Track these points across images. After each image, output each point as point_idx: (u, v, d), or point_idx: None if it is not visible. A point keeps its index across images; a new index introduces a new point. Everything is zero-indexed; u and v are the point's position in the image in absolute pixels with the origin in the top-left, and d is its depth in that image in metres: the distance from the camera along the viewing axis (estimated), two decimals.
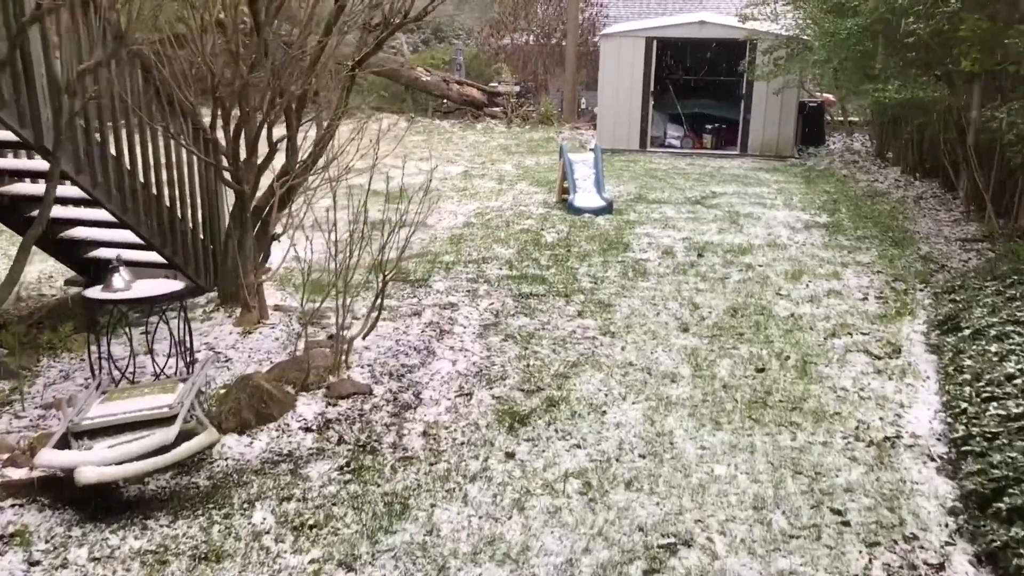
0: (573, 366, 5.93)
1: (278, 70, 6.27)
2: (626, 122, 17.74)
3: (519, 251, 9.13)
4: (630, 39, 17.45)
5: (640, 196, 12.51)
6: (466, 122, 22.07)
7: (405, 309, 7.17)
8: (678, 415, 5.17)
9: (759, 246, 9.40)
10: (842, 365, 5.96)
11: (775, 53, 15.06)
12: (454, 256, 8.92)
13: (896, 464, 4.58)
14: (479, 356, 6.14)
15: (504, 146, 18.26)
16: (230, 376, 5.68)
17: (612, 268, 8.45)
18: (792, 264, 8.62)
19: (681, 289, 7.74)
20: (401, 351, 6.21)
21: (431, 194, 12.87)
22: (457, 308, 7.21)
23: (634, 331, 6.64)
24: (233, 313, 6.79)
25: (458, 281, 8.01)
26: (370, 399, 5.35)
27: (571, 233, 10.00)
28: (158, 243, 7.01)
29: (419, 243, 9.68)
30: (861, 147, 18.34)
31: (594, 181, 11.64)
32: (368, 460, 4.62)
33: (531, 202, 11.97)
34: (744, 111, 17.28)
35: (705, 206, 11.81)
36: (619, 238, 9.74)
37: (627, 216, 10.99)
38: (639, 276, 8.16)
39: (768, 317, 6.97)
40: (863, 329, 6.67)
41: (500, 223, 10.62)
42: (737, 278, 8.10)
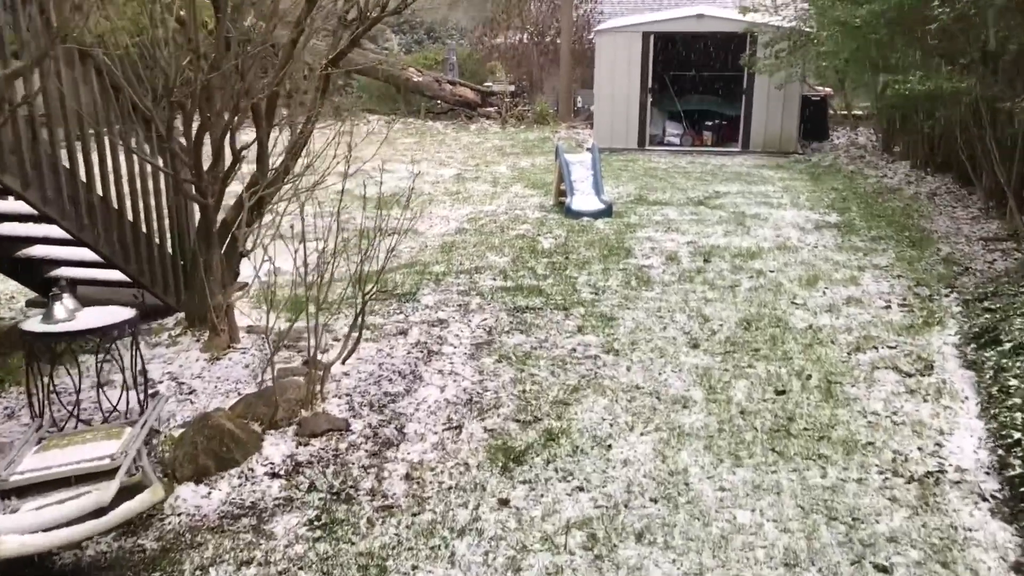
0: (574, 391, 5.37)
1: (243, 69, 5.68)
2: (624, 120, 17.19)
3: (514, 259, 8.57)
4: (626, 35, 16.90)
5: (640, 197, 11.96)
6: (459, 123, 21.50)
7: (390, 328, 6.61)
8: (692, 448, 4.61)
9: (769, 249, 8.84)
10: (870, 385, 5.40)
11: (776, 46, 14.50)
12: (445, 266, 8.36)
13: (943, 505, 4.03)
14: (470, 381, 5.57)
15: (498, 147, 17.70)
16: (193, 411, 5.12)
17: (613, 276, 7.89)
18: (806, 269, 8.07)
19: (688, 299, 7.18)
20: (384, 376, 5.64)
21: (421, 199, 12.35)
22: (447, 325, 6.65)
23: (640, 348, 6.08)
24: (201, 337, 6.23)
25: (448, 294, 7.45)
26: (347, 436, 4.79)
27: (569, 238, 9.44)
28: (121, 261, 6.46)
29: (408, 252, 9.14)
30: (866, 141, 17.78)
31: (592, 183, 11.08)
32: (342, 511, 4.06)
33: (527, 206, 11.41)
34: (745, 106, 16.72)
35: (709, 207, 11.25)
36: (620, 243, 9.19)
37: (627, 219, 10.43)
38: (643, 285, 7.60)
39: (784, 330, 6.41)
40: (889, 342, 6.11)
41: (494, 229, 10.06)
42: (748, 285, 7.54)
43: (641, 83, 16.93)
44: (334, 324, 6.63)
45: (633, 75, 16.91)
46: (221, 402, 5.21)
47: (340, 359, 5.72)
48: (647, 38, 16.74)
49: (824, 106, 18.23)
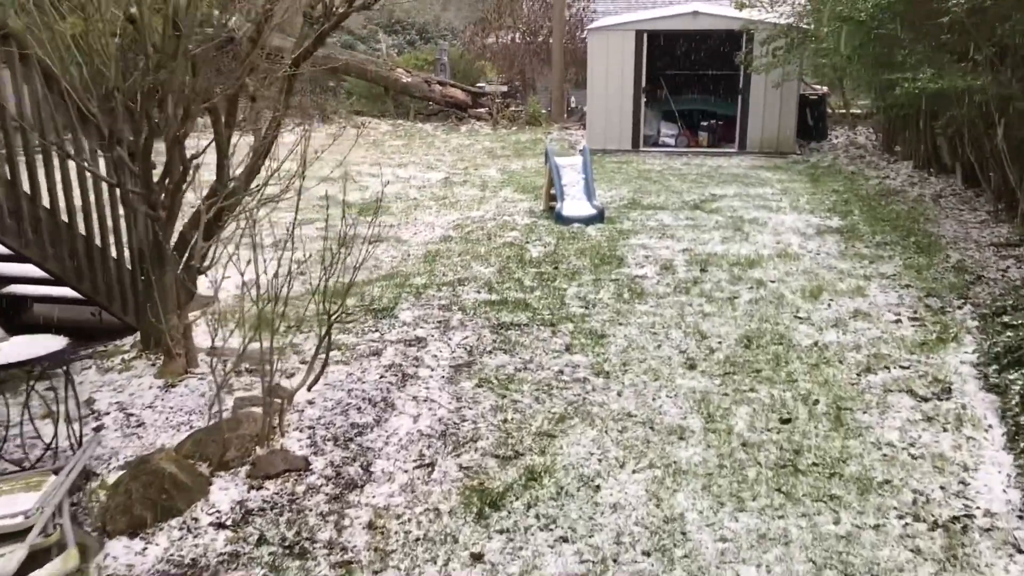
0: (560, 420, 4.90)
1: (194, 66, 5.20)
2: (617, 121, 16.72)
3: (500, 270, 8.10)
4: (619, 33, 16.43)
5: (634, 201, 11.50)
6: (450, 124, 21.03)
7: (364, 348, 6.14)
8: (690, 489, 4.14)
9: (769, 257, 8.38)
10: (883, 411, 4.94)
11: (774, 43, 14.04)
12: (427, 278, 7.89)
13: (974, 558, 3.56)
14: (447, 409, 5.10)
15: (489, 149, 17.24)
16: (139, 447, 4.64)
17: (605, 288, 7.43)
18: (808, 279, 7.60)
19: (685, 313, 6.71)
20: (353, 405, 5.17)
21: (406, 204, 11.88)
22: (425, 344, 6.18)
23: (632, 370, 5.61)
24: (157, 361, 5.76)
25: (429, 309, 6.98)
26: (306, 477, 4.31)
27: (559, 246, 8.98)
28: (72, 279, 5.99)
29: (390, 261, 8.68)
30: (866, 141, 17.34)
31: (583, 187, 10.61)
32: (293, 569, 3.59)
33: (516, 211, 10.95)
34: (741, 106, 16.26)
35: (705, 211, 10.79)
36: (612, 251, 8.72)
37: (620, 225, 9.97)
38: (636, 298, 7.13)
39: (788, 347, 5.95)
40: (902, 361, 5.65)
41: (481, 236, 9.59)
42: (747, 298, 7.08)
43: (635, 83, 16.48)
44: (304, 344, 6.16)
45: (627, 74, 16.45)
46: (171, 436, 4.74)
47: (305, 385, 5.25)
48: (640, 36, 16.27)
49: (822, 105, 17.78)
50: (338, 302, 5.34)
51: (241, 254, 4.98)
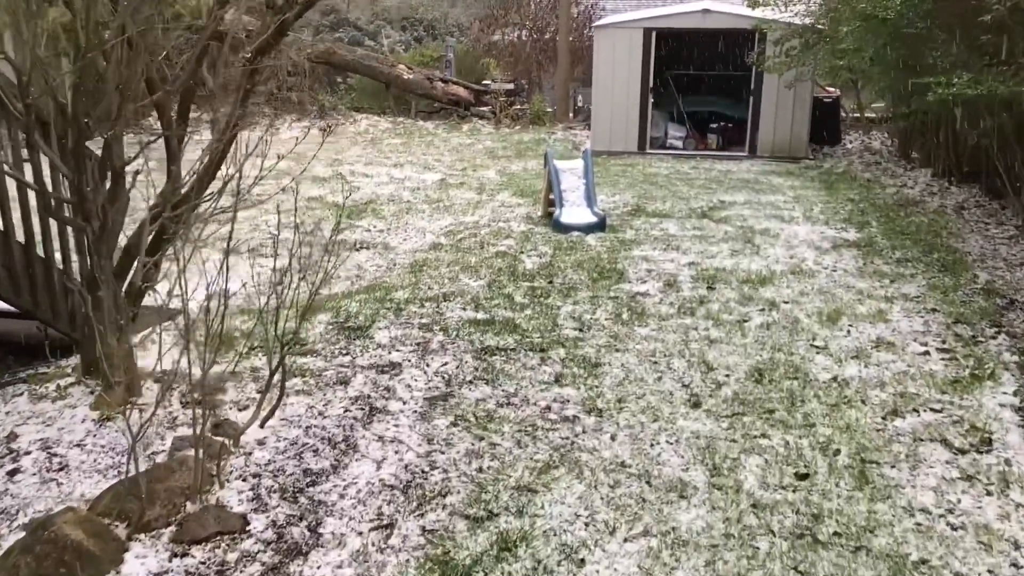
0: (543, 471, 4.27)
1: (136, 55, 4.58)
2: (623, 122, 16.08)
3: (490, 283, 7.48)
4: (626, 31, 15.79)
5: (638, 208, 10.86)
6: (451, 123, 20.40)
7: (331, 374, 5.52)
8: (691, 566, 3.51)
9: (781, 274, 7.74)
10: (914, 466, 4.30)
11: (787, 43, 13.39)
12: (410, 291, 7.27)
13: None
14: (416, 452, 4.48)
15: (490, 149, 16.61)
16: (59, 496, 4.03)
17: (603, 307, 6.80)
18: (825, 300, 6.96)
19: (689, 338, 6.08)
20: (309, 446, 4.55)
21: (398, 207, 11.27)
22: (399, 371, 5.56)
23: (628, 407, 4.98)
24: (97, 388, 5.15)
25: (408, 328, 6.35)
26: (241, 541, 3.69)
27: (555, 258, 8.35)
28: (9, 292, 5.40)
29: (373, 271, 8.07)
30: (881, 146, 16.68)
31: (584, 193, 9.97)
32: None
33: (512, 217, 10.32)
34: (752, 108, 15.61)
35: (713, 220, 10.15)
36: (612, 264, 8.09)
37: (623, 234, 9.34)
38: (636, 319, 6.50)
39: (804, 383, 5.31)
40: (932, 403, 5.01)
41: (473, 244, 8.97)
42: (759, 321, 6.44)
43: (642, 82, 15.83)
44: (266, 369, 5.55)
45: (633, 74, 15.81)
46: (96, 484, 4.13)
47: (257, 422, 4.64)
48: (648, 34, 15.63)
49: (836, 108, 17.13)
50: (304, 321, 4.69)
51: (214, 261, 4.35)
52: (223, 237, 4.55)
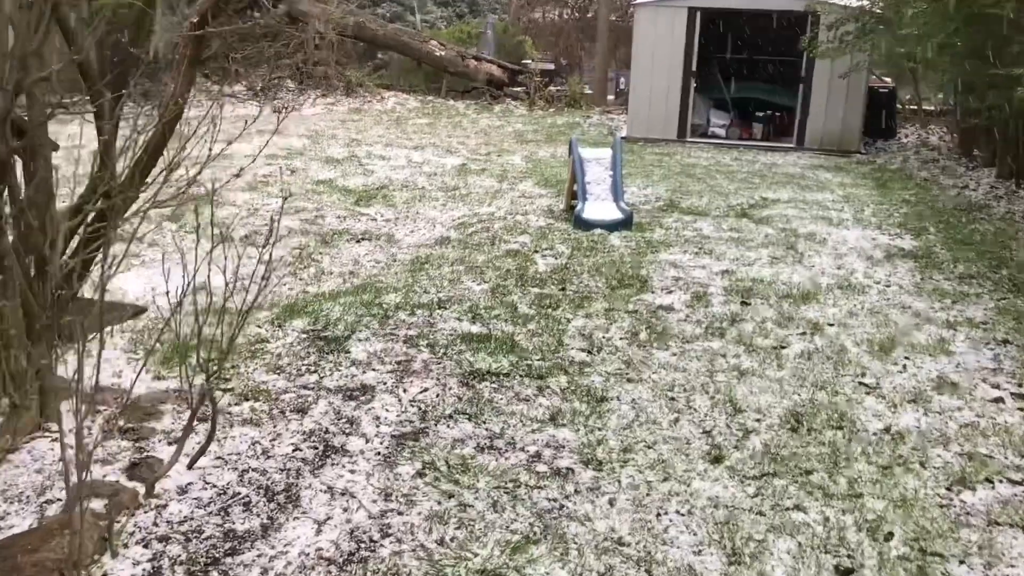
0: (518, 548, 3.41)
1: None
2: (662, 107, 15.13)
3: (495, 288, 6.63)
4: (669, 9, 14.80)
5: (671, 203, 9.94)
6: (483, 103, 19.52)
7: (290, 398, 4.70)
8: None
9: (827, 288, 6.80)
10: (990, 564, 3.39)
11: (842, 28, 12.32)
12: (403, 295, 6.44)
13: None
14: (368, 512, 3.65)
15: (519, 133, 15.72)
16: None
17: (618, 322, 5.92)
18: (877, 323, 6.03)
19: (716, 368, 5.19)
20: (241, 498, 3.74)
21: (412, 194, 10.44)
22: (371, 398, 4.73)
23: (634, 459, 4.11)
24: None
25: (391, 342, 5.53)
26: None
27: (572, 259, 7.47)
28: None
29: (370, 268, 7.25)
30: (939, 142, 15.56)
31: (611, 186, 9.07)
32: None
33: (532, 209, 9.45)
34: (802, 97, 14.58)
35: (753, 220, 9.21)
36: (636, 269, 7.20)
37: (651, 233, 8.43)
38: (655, 340, 5.62)
39: (850, 434, 4.40)
40: (1010, 471, 4.08)
41: (484, 240, 8.12)
42: (798, 348, 5.53)
43: (684, 66, 14.87)
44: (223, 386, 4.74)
45: (675, 56, 14.85)
46: None
47: (181, 463, 3.84)
48: (693, 14, 14.63)
49: (892, 99, 16.01)
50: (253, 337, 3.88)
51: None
52: (218, 223, 3.77)
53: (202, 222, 4.00)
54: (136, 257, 7.52)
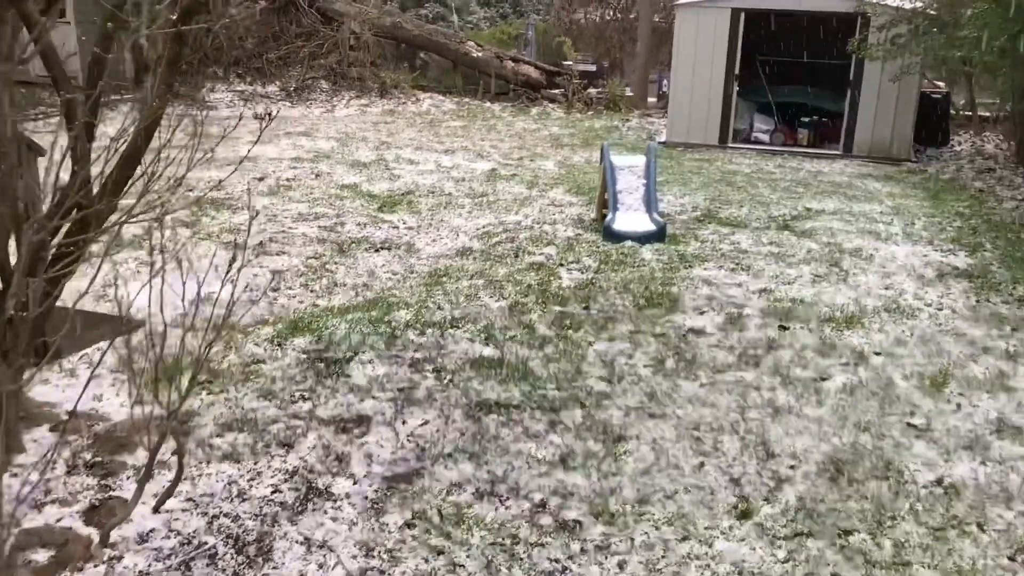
0: None
1: None
2: (704, 111, 14.57)
3: (513, 306, 6.20)
4: (712, 10, 14.24)
5: (709, 213, 9.43)
6: (520, 105, 19.06)
7: (278, 429, 4.31)
8: None
9: (874, 312, 6.28)
10: None
11: (894, 30, 11.71)
12: (415, 311, 6.04)
13: None
14: (346, 570, 3.25)
15: (555, 136, 15.25)
16: None
17: (644, 347, 5.46)
18: (928, 353, 5.50)
19: (748, 403, 4.71)
20: (207, 549, 3.34)
21: (438, 200, 10.05)
22: (366, 431, 4.33)
23: (651, 512, 3.66)
24: None
25: (396, 365, 5.12)
26: None
27: (599, 273, 7.02)
28: None
29: (386, 279, 6.86)
30: (996, 150, 14.83)
31: (643, 195, 8.59)
32: None
33: (561, 218, 9.00)
34: (850, 101, 13.92)
35: (795, 232, 8.67)
36: (666, 285, 6.73)
37: (685, 247, 7.94)
38: (683, 368, 5.15)
39: (897, 487, 3.91)
40: None
41: (507, 252, 7.69)
42: (840, 382, 5.02)
43: (727, 68, 14.30)
44: (209, 413, 4.37)
45: (718, 58, 14.28)
46: None
47: (151, 503, 3.46)
48: (737, 15, 14.06)
49: (946, 105, 15.31)
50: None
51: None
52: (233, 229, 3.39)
53: (216, 229, 3.57)
54: (146, 264, 7.20)
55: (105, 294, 6.54)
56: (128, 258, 7.34)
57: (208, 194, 6.55)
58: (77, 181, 3.93)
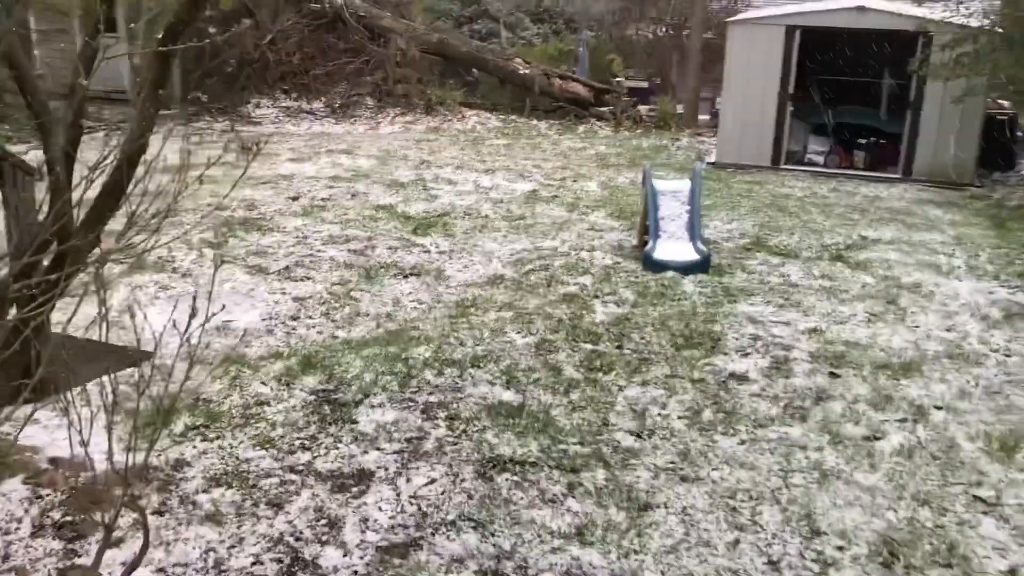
0: None
1: None
2: (756, 131, 14.02)
3: (540, 344, 5.78)
4: (766, 27, 13.72)
5: (758, 241, 8.92)
6: (567, 123, 18.65)
7: (270, 485, 3.93)
8: None
9: (934, 357, 5.75)
10: None
11: (958, 48, 11.11)
12: (435, 347, 5.65)
13: None
14: None
15: (601, 156, 14.80)
16: None
17: (680, 394, 5.01)
18: (996, 408, 4.97)
19: (792, 465, 4.23)
20: None
21: (474, 222, 9.68)
22: (365, 489, 3.94)
23: None
24: None
25: (408, 410, 4.73)
26: None
27: (636, 308, 6.58)
28: None
29: (411, 309, 6.50)
30: None
31: (687, 222, 8.11)
32: None
33: (599, 245, 8.56)
34: (911, 122, 13.28)
35: (849, 264, 8.13)
36: (708, 322, 6.27)
37: (730, 278, 7.46)
38: (721, 422, 4.69)
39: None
40: None
41: (540, 280, 7.28)
42: (896, 442, 4.52)
43: (780, 87, 13.74)
44: (198, 464, 4.02)
45: (771, 77, 13.74)
46: None
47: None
48: (791, 33, 13.52)
49: (1013, 127, 14.59)
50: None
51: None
52: (259, 251, 3.05)
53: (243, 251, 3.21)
54: (166, 289, 6.94)
55: (120, 320, 6.30)
56: (148, 281, 7.08)
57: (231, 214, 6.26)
58: (51, 214, 3.59)
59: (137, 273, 7.25)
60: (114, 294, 6.70)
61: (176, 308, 2.86)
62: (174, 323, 2.81)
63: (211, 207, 4.10)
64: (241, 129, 15.03)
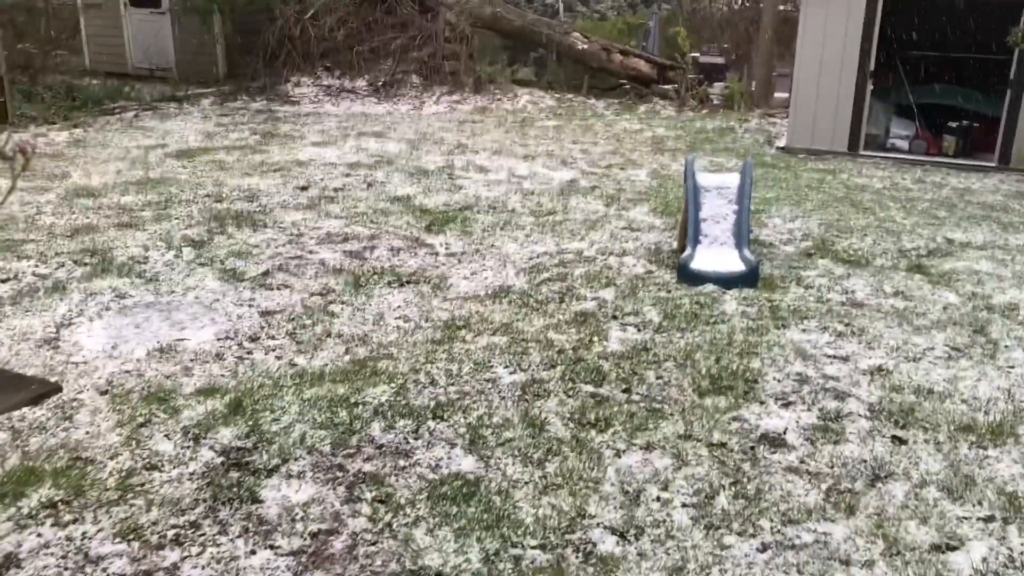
0: None
1: None
2: (831, 113, 12.59)
3: (528, 384, 4.67)
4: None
5: (822, 244, 7.62)
6: (627, 102, 17.35)
7: None
8: None
9: None
10: None
11: None
12: (399, 386, 4.58)
13: None
14: None
15: (658, 139, 13.50)
16: None
17: (691, 468, 3.84)
18: None
19: None
20: None
21: (497, 217, 8.57)
22: None
23: None
24: None
25: (328, 488, 3.67)
26: None
27: (659, 333, 5.41)
28: None
29: (393, 329, 5.45)
30: None
31: (733, 225, 6.86)
32: None
33: (633, 248, 7.37)
34: (1010, 103, 11.70)
35: (930, 277, 6.80)
36: (745, 357, 5.07)
37: (782, 295, 6.21)
38: (740, 513, 3.51)
39: None
40: None
41: (552, 294, 6.16)
42: (979, 555, 3.28)
43: (860, 64, 12.27)
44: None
45: (849, 52, 12.28)
46: None
47: None
48: (873, 4, 12.03)
49: None
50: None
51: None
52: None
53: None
54: (121, 298, 6.02)
55: (58, 338, 5.38)
56: (106, 288, 6.16)
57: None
58: None
59: (97, 278, 6.37)
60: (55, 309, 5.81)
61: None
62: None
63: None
64: (17, 131, 13.78)
